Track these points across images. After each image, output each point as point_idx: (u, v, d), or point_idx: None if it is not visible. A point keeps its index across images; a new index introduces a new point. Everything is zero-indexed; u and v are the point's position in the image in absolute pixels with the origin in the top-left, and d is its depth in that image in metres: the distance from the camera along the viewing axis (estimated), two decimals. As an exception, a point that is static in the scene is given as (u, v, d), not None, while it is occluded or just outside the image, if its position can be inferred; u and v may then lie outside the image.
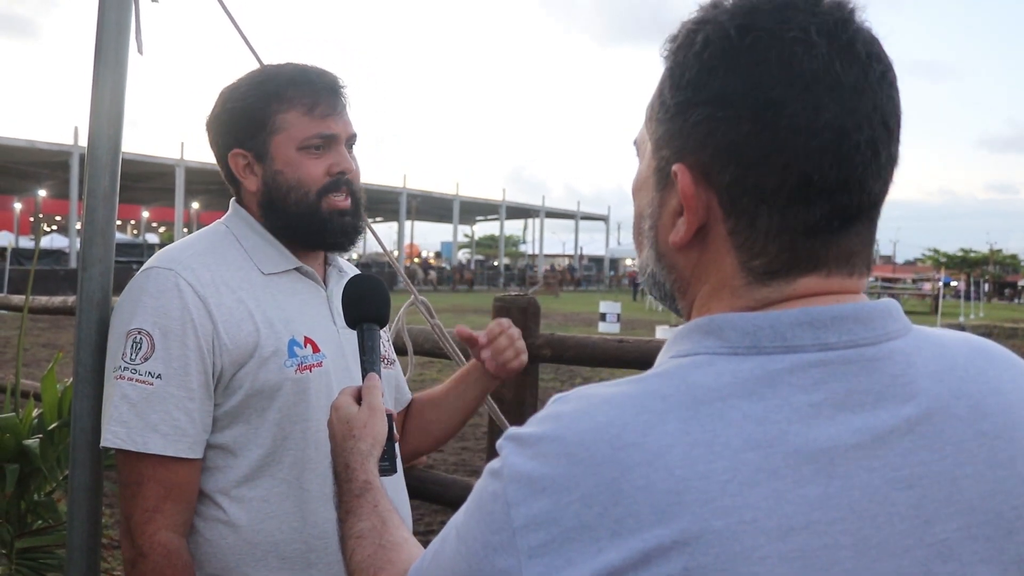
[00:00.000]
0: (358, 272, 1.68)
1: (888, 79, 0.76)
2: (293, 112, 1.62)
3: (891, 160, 0.77)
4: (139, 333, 1.53)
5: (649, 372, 0.77)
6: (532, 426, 0.75)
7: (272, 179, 1.64)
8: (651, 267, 0.86)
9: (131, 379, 1.52)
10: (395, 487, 1.61)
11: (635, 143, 0.88)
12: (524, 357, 1.79)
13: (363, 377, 1.29)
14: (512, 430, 0.77)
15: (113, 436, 1.51)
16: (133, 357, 1.52)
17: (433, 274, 48.45)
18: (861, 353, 0.75)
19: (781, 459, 0.69)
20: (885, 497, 0.71)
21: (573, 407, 0.74)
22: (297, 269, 1.68)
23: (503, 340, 1.76)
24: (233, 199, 1.73)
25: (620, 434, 0.70)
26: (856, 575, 0.69)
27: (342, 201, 1.65)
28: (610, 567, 0.67)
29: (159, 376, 1.51)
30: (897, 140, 0.77)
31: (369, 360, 1.33)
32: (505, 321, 1.79)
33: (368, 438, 1.15)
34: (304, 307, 1.66)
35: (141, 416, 1.51)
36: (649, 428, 0.70)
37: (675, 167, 0.78)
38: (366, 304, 1.40)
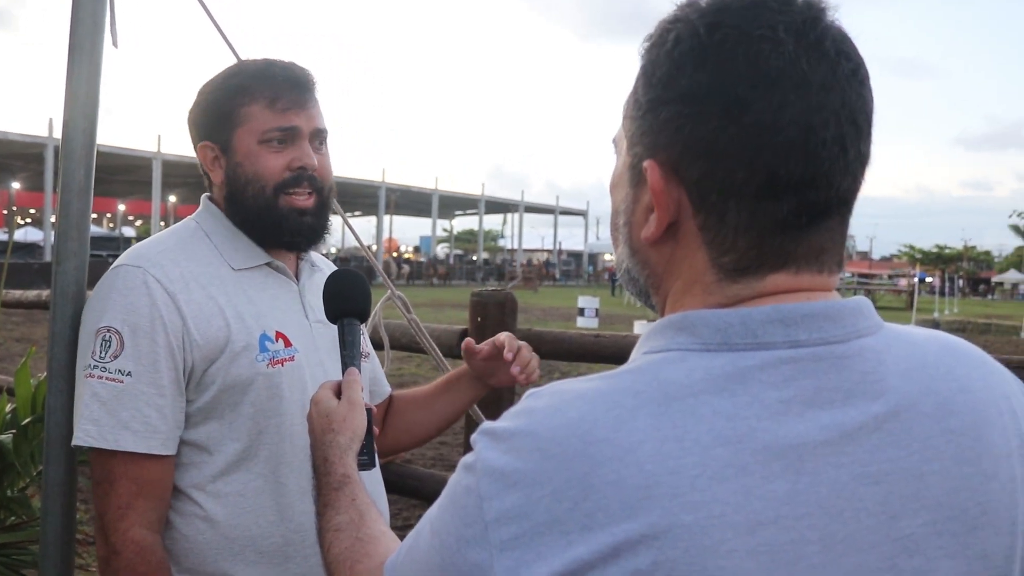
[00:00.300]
0: (333, 267, 1.67)
1: (858, 76, 0.77)
2: (256, 105, 1.60)
3: (860, 157, 0.77)
4: (108, 331, 1.52)
5: (622, 368, 0.78)
6: (506, 421, 0.76)
7: (233, 172, 1.63)
8: (626, 263, 0.87)
9: (101, 377, 1.51)
10: (373, 481, 1.61)
11: (614, 141, 0.89)
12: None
13: (343, 371, 1.28)
14: (486, 424, 0.77)
15: (84, 434, 1.50)
16: (103, 355, 1.51)
17: (406, 268, 48.14)
18: (831, 350, 0.75)
19: (750, 455, 0.70)
20: (852, 493, 0.72)
21: (546, 403, 0.75)
22: (268, 264, 1.67)
23: (526, 354, 1.73)
24: (205, 194, 1.72)
25: (591, 430, 0.71)
26: (823, 569, 0.70)
27: (303, 200, 1.62)
28: (579, 560, 0.68)
29: (129, 373, 1.50)
30: (867, 137, 0.77)
31: (350, 355, 1.33)
32: (509, 337, 1.74)
33: (347, 432, 1.15)
34: (275, 302, 1.65)
35: (112, 414, 1.50)
36: (620, 424, 0.71)
37: (646, 163, 0.79)
38: (347, 299, 1.40)
